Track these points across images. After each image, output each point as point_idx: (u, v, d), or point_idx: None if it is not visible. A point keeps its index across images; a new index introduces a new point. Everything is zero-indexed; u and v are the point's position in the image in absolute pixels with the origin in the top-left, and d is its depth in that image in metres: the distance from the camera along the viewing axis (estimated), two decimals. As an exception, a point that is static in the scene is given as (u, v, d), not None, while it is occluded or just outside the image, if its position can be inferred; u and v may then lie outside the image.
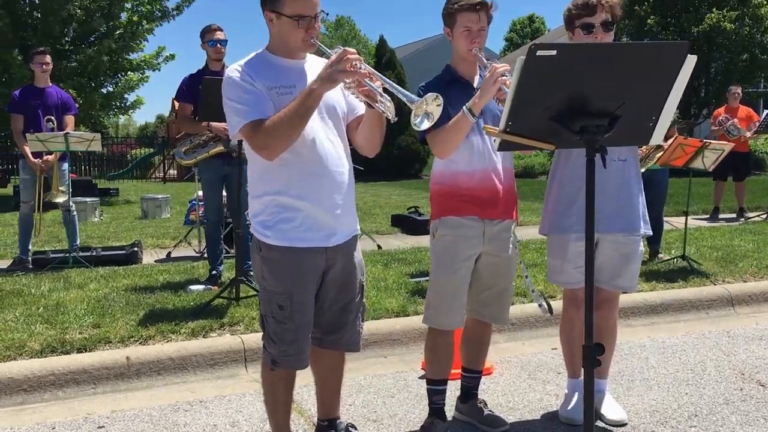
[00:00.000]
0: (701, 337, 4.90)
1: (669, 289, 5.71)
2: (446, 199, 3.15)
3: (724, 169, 9.68)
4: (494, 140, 2.37)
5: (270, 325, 2.73)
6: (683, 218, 7.16)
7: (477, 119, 2.93)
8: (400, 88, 2.42)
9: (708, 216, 10.50)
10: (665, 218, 7.62)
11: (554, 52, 2.09)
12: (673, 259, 6.59)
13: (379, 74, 2.50)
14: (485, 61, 3.01)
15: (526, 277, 3.62)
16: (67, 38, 14.56)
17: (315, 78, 2.50)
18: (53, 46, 13.24)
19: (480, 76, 3.11)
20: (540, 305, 3.72)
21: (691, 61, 2.23)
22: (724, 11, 19.93)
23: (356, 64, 2.43)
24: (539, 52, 2.08)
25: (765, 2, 20.28)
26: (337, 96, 2.76)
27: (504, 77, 2.72)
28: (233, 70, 2.64)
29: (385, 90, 2.48)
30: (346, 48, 2.46)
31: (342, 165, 2.73)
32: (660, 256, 6.81)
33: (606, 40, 3.04)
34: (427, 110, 2.36)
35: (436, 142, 3.04)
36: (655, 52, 2.23)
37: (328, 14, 2.74)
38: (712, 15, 19.79)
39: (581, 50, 2.32)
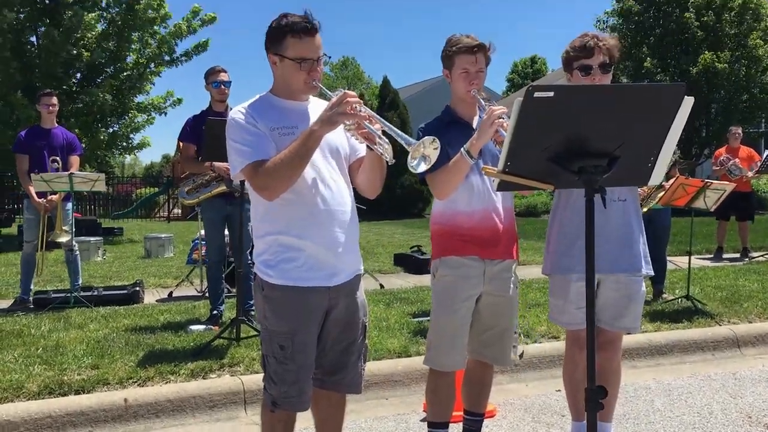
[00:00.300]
0: (707, 379, 4.84)
1: (674, 329, 5.66)
2: (446, 239, 3.15)
3: (727, 208, 9.68)
4: (493, 180, 2.38)
5: (271, 366, 2.71)
6: (687, 258, 7.13)
7: (476, 160, 2.95)
8: (398, 131, 2.44)
9: (712, 256, 10.46)
10: (669, 258, 7.60)
11: (551, 94, 2.11)
12: (678, 299, 6.54)
13: (378, 117, 2.52)
14: (483, 102, 3.04)
15: None
16: (74, 80, 14.75)
17: (316, 120, 2.54)
18: (59, 87, 13.44)
19: (479, 116, 3.14)
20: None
21: (688, 102, 2.24)
22: (717, 52, 20.15)
23: (356, 107, 2.46)
24: (537, 94, 2.10)
25: (762, 43, 20.50)
26: (340, 137, 2.78)
27: (501, 119, 2.75)
28: (237, 112, 2.67)
29: (384, 132, 2.50)
30: (347, 91, 2.50)
31: (344, 204, 2.74)
32: (664, 296, 6.76)
33: (604, 81, 3.07)
34: (424, 153, 2.37)
35: (436, 183, 3.06)
36: (652, 94, 2.25)
37: (330, 57, 2.78)
38: (706, 56, 20.00)
39: (579, 92, 2.34)
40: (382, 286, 7.80)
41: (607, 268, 3.13)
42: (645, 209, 6.48)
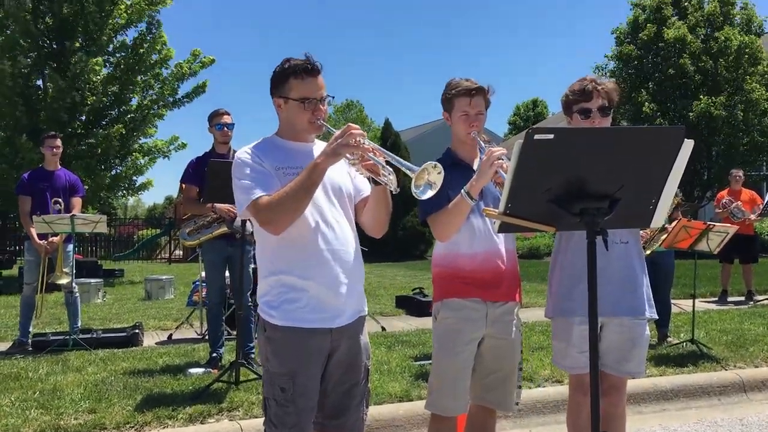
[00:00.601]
0: (714, 425, 4.75)
1: (679, 374, 5.58)
2: (448, 282, 3.13)
3: (731, 251, 9.65)
4: (494, 222, 2.38)
5: (271, 408, 2.66)
6: (691, 301, 7.07)
7: (477, 202, 2.95)
8: (401, 160, 2.45)
9: (716, 299, 10.38)
10: (673, 301, 7.54)
11: (551, 136, 2.11)
12: (683, 342, 6.47)
13: (381, 149, 2.54)
14: (483, 144, 3.06)
15: None
16: (78, 122, 14.90)
17: (320, 153, 2.55)
18: (63, 130, 13.57)
19: (480, 158, 3.15)
20: None
21: (688, 145, 2.24)
22: (713, 97, 20.34)
23: (359, 140, 2.48)
24: (537, 136, 2.10)
25: (758, 87, 20.70)
26: (344, 178, 2.80)
27: (500, 161, 2.76)
28: (243, 152, 2.71)
29: (388, 163, 2.51)
30: (350, 124, 2.52)
31: (348, 245, 2.73)
32: (669, 339, 6.69)
33: (603, 124, 3.08)
34: (429, 180, 2.37)
35: (437, 224, 3.06)
36: (651, 137, 2.25)
37: (334, 98, 2.81)
38: (702, 101, 20.18)
39: (578, 134, 2.35)
40: (383, 329, 7.73)
41: (609, 311, 3.10)
42: (648, 252, 6.46)
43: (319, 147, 2.79)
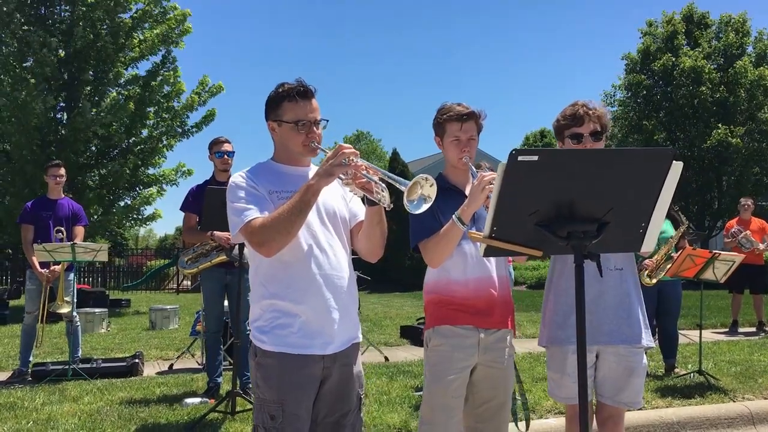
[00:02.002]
0: (721, 458, 4.62)
1: (686, 405, 5.44)
2: (440, 308, 3.08)
3: (741, 281, 9.53)
4: (479, 245, 2.33)
5: None
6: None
7: (469, 227, 2.90)
8: (393, 176, 2.42)
9: (727, 330, 10.20)
10: (682, 332, 7.41)
11: (536, 158, 2.07)
12: (690, 373, 6.33)
13: (374, 166, 2.51)
14: (475, 169, 3.02)
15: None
16: (88, 153, 15.03)
17: (313, 174, 2.54)
18: (75, 161, 13.68)
19: (472, 183, 3.11)
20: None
21: (677, 167, 2.19)
22: (731, 127, 20.33)
23: (352, 158, 2.46)
24: (521, 157, 2.06)
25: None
26: (338, 202, 2.78)
27: (491, 185, 2.71)
28: (237, 176, 2.70)
29: (381, 179, 2.48)
30: (341, 144, 2.50)
31: (341, 270, 2.69)
32: (676, 370, 6.55)
33: (596, 149, 3.04)
34: (422, 193, 2.33)
35: (428, 250, 3.01)
36: (638, 158, 2.20)
37: (328, 121, 2.79)
38: (719, 131, 20.16)
39: (564, 156, 2.30)
40: (386, 359, 7.63)
41: (605, 340, 3.03)
42: (654, 281, 6.36)
43: (314, 171, 2.76)
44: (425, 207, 2.36)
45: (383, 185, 2.47)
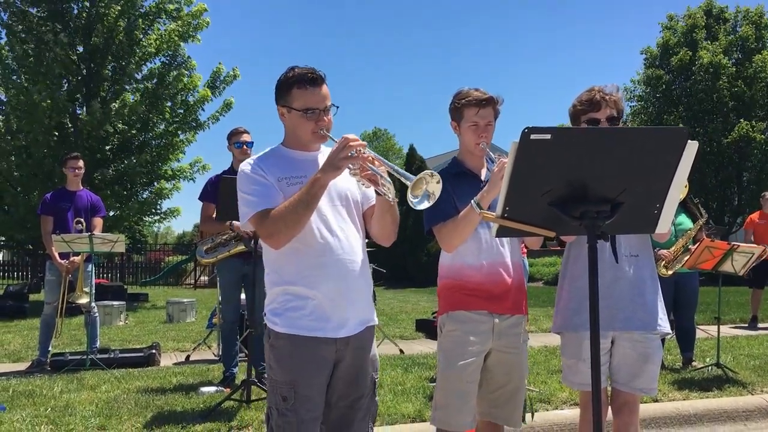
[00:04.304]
0: (739, 450, 4.57)
1: (703, 398, 5.39)
2: (454, 293, 3.07)
3: (761, 276, 9.40)
4: (492, 226, 2.31)
5: (273, 418, 2.62)
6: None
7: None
8: (399, 169, 2.41)
9: (746, 325, 10.08)
10: (701, 327, 7.33)
11: (548, 136, 2.05)
12: (708, 366, 6.27)
13: (381, 158, 2.50)
14: (492, 155, 3.00)
15: None
16: (106, 147, 15.12)
17: (320, 167, 2.53)
18: (93, 157, 13.77)
19: (487, 169, 3.10)
20: None
21: (692, 147, 2.16)
22: (753, 122, 20.07)
23: (359, 150, 2.45)
24: (533, 136, 2.04)
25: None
26: (350, 184, 2.75)
27: None
28: (246, 164, 2.70)
29: (389, 173, 2.47)
30: (347, 135, 2.49)
31: (353, 253, 2.68)
32: (693, 363, 6.49)
33: (613, 133, 3.01)
34: (427, 189, 2.32)
35: (443, 234, 3.00)
36: (653, 137, 2.17)
37: (338, 107, 2.78)
38: (742, 125, 19.92)
39: (577, 134, 2.28)
40: (402, 352, 7.63)
41: (621, 326, 3.00)
42: (671, 273, 6.29)
43: (324, 155, 2.74)
44: (426, 204, 2.36)
45: (389, 179, 2.47)
